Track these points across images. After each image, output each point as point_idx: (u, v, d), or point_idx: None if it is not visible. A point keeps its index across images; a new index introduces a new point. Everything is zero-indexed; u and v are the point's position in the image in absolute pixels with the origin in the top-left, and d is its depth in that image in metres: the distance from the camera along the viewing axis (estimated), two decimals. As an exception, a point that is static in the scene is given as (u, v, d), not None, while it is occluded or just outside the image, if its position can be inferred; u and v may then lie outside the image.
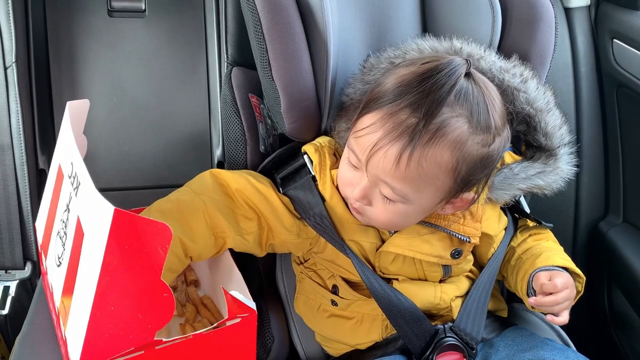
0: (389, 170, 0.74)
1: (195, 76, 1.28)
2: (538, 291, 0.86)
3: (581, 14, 1.32)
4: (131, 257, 0.62)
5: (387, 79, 0.78)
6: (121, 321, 0.63)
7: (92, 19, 1.23)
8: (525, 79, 0.88)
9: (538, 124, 0.89)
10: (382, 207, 0.79)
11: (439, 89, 0.71)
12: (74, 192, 0.73)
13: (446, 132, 0.72)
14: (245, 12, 0.92)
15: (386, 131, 0.73)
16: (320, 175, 0.89)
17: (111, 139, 1.25)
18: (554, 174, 0.89)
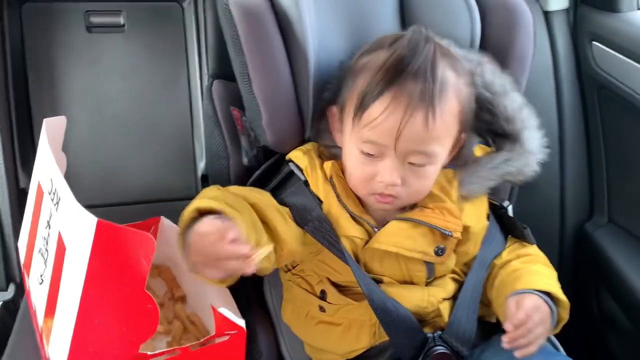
0: (420, 136, 0.79)
1: (177, 90, 1.27)
2: (507, 325, 0.79)
3: (560, 17, 1.33)
4: (115, 269, 0.62)
5: (364, 71, 0.82)
6: (106, 335, 0.62)
7: (70, 35, 1.22)
8: (480, 63, 0.91)
9: (497, 109, 0.90)
10: (415, 178, 0.82)
11: (425, 54, 0.78)
12: (54, 208, 0.72)
13: (448, 83, 0.80)
14: (224, 26, 0.92)
15: (405, 105, 0.77)
16: (311, 176, 0.89)
17: (93, 155, 1.24)
18: (523, 157, 0.89)
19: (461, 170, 0.90)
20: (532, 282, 0.85)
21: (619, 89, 1.19)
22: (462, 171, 0.90)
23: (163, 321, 0.88)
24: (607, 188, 1.31)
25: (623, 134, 1.24)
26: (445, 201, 0.88)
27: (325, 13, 0.97)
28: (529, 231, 0.95)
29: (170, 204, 1.27)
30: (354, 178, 0.86)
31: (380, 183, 0.82)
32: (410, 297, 0.88)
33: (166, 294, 0.93)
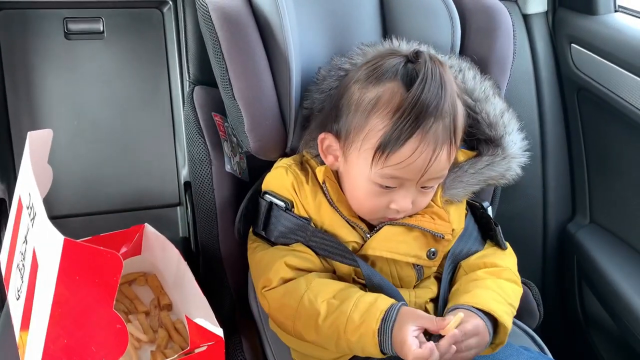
0: (443, 167, 0.82)
1: (158, 96, 1.26)
2: (444, 340, 0.77)
3: (539, 20, 1.34)
4: (83, 288, 0.60)
5: (378, 110, 0.80)
6: (75, 354, 0.61)
7: (48, 42, 1.20)
8: (461, 69, 0.92)
9: (480, 115, 0.91)
10: (423, 197, 0.86)
11: (447, 91, 0.79)
12: (30, 223, 0.71)
13: (460, 114, 0.83)
14: (204, 31, 0.92)
15: (434, 145, 0.79)
16: (299, 194, 0.89)
17: (74, 164, 1.22)
18: (505, 162, 0.91)
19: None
20: (481, 300, 0.84)
21: (598, 90, 1.20)
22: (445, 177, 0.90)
23: (148, 330, 0.87)
24: (588, 188, 1.32)
25: (603, 135, 1.26)
26: (433, 206, 0.89)
27: (305, 18, 0.97)
28: (499, 230, 0.95)
29: (154, 211, 1.25)
30: (367, 207, 0.86)
31: (394, 209, 0.84)
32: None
33: (152, 302, 0.92)
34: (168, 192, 1.27)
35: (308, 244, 0.88)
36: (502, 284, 0.88)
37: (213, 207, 0.98)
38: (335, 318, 0.80)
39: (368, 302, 0.80)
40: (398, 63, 0.81)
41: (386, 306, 0.79)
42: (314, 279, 0.85)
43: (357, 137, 0.82)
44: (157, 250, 0.95)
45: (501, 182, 0.92)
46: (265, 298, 0.87)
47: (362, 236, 0.89)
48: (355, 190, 0.86)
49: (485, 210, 0.98)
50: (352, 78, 0.85)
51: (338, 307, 0.80)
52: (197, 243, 1.14)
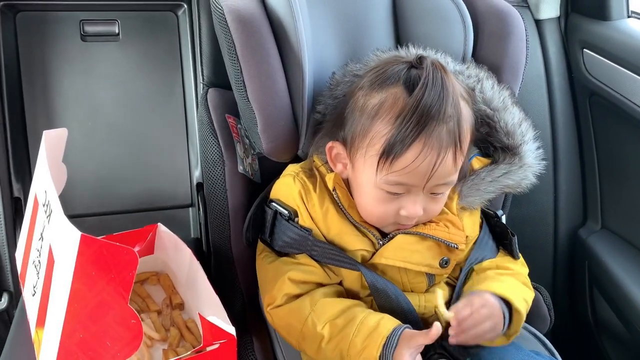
0: (449, 172, 0.81)
1: (172, 98, 1.27)
2: (453, 321, 0.81)
3: (551, 26, 1.35)
4: (99, 283, 0.61)
5: (382, 114, 0.80)
6: (90, 349, 0.62)
7: (65, 44, 1.22)
8: (479, 79, 0.92)
9: (498, 124, 0.91)
10: (434, 204, 0.85)
11: (450, 96, 0.78)
12: (47, 220, 0.72)
13: (466, 118, 0.82)
14: (219, 34, 0.92)
15: (438, 149, 0.78)
16: (307, 202, 0.89)
17: (88, 164, 1.23)
18: (522, 171, 0.91)
19: (460, 183, 0.90)
20: (490, 287, 0.86)
21: (610, 95, 1.20)
22: (461, 184, 0.90)
23: (160, 329, 0.88)
24: (600, 194, 1.32)
25: (615, 140, 1.26)
26: (448, 213, 0.89)
27: (319, 21, 0.97)
28: (515, 241, 0.95)
29: (166, 212, 1.27)
30: (375, 214, 0.86)
31: (404, 216, 0.84)
32: None
33: (164, 301, 0.93)
34: (180, 193, 1.28)
35: (310, 254, 0.89)
36: (515, 282, 0.89)
37: (225, 207, 0.99)
38: (339, 341, 0.81)
39: (371, 326, 0.81)
40: (401, 69, 0.81)
41: (388, 332, 0.79)
42: (319, 299, 0.86)
43: (362, 143, 0.82)
44: (169, 250, 0.95)
45: (517, 191, 0.92)
46: (271, 315, 0.89)
47: (374, 243, 0.89)
48: (363, 198, 0.86)
49: (499, 219, 0.99)
50: (358, 85, 0.86)
51: (341, 331, 0.82)
52: (208, 244, 1.15)
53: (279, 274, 0.89)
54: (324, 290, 0.88)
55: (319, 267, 0.89)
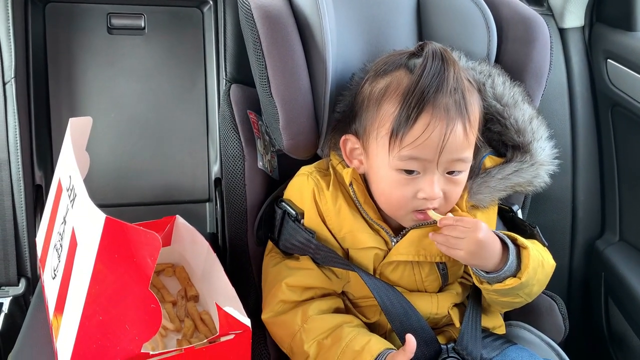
0: (460, 145, 0.81)
1: (194, 94, 1.28)
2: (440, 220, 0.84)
3: (575, 35, 1.34)
4: (121, 266, 0.62)
5: (388, 95, 0.83)
6: (109, 331, 0.63)
7: (91, 36, 1.23)
8: (490, 75, 0.93)
9: (508, 121, 0.91)
10: (453, 187, 0.85)
11: (452, 68, 0.80)
12: (70, 204, 0.73)
13: (471, 92, 0.84)
14: (245, 30, 0.93)
15: (445, 119, 0.79)
16: (319, 198, 0.90)
17: (109, 155, 1.24)
18: (533, 169, 0.90)
19: (471, 180, 0.91)
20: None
21: (633, 106, 1.19)
22: (471, 182, 0.91)
23: (175, 319, 0.88)
24: (619, 206, 1.31)
25: (636, 152, 1.25)
26: (457, 210, 0.89)
27: (344, 21, 0.98)
28: (538, 230, 0.94)
29: (183, 206, 1.28)
30: (394, 199, 0.86)
31: (423, 199, 0.83)
32: (421, 304, 0.89)
33: (179, 293, 0.93)
34: (198, 187, 1.29)
35: (313, 257, 0.90)
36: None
37: (243, 202, 1.00)
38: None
39: (356, 350, 0.82)
40: (404, 56, 0.85)
41: (371, 358, 0.80)
42: (311, 314, 0.87)
43: (372, 127, 0.84)
44: (187, 242, 0.96)
45: (529, 190, 0.92)
46: (266, 323, 0.91)
47: (387, 241, 0.89)
48: (380, 184, 0.86)
49: (515, 214, 0.98)
50: (365, 78, 0.89)
51: (327, 351, 0.83)
52: (224, 239, 1.16)
53: (278, 279, 0.90)
54: (318, 304, 0.89)
55: (320, 271, 0.91)
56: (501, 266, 0.83)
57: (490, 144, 0.96)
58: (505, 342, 0.95)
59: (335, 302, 0.91)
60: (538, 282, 0.86)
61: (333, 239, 0.90)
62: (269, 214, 0.98)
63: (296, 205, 0.93)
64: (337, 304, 0.91)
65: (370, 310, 0.93)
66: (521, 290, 0.85)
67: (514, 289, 0.84)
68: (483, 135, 0.95)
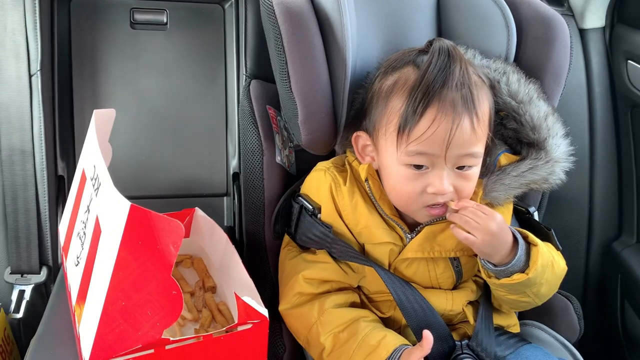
0: (468, 140, 0.81)
1: (214, 89, 1.30)
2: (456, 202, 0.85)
3: (596, 35, 1.33)
4: (144, 253, 0.63)
5: (396, 91, 0.84)
6: (131, 317, 0.64)
7: (115, 30, 1.25)
8: (505, 72, 0.93)
9: (523, 117, 0.91)
10: (464, 182, 0.85)
11: (458, 63, 0.81)
12: (94, 193, 0.75)
13: (480, 88, 0.83)
14: (266, 26, 0.94)
15: (452, 114, 0.79)
16: (336, 193, 0.91)
17: (129, 148, 1.26)
18: (548, 166, 0.90)
19: (485, 178, 0.91)
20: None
21: (654, 108, 1.19)
22: (486, 179, 0.91)
23: (193, 309, 0.90)
24: (637, 208, 1.30)
25: (655, 154, 1.24)
26: None
27: (364, 18, 0.99)
28: (553, 233, 0.94)
29: (201, 199, 1.29)
30: (403, 194, 0.86)
31: (432, 194, 0.84)
32: (436, 301, 0.90)
33: (197, 284, 0.95)
34: (216, 181, 1.31)
35: (330, 251, 0.91)
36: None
37: (261, 196, 1.01)
38: (339, 355, 0.84)
39: (372, 345, 0.82)
40: (413, 53, 0.86)
41: (387, 354, 0.81)
42: (327, 307, 0.88)
43: (381, 123, 0.85)
44: (205, 234, 0.98)
45: (544, 187, 0.92)
46: (283, 315, 0.92)
47: (402, 237, 0.90)
48: (390, 180, 0.87)
49: (531, 215, 0.98)
50: (375, 75, 0.90)
51: (343, 345, 0.84)
52: (241, 233, 1.17)
53: (295, 272, 0.92)
54: (334, 297, 0.90)
55: (337, 265, 0.92)
56: (509, 259, 0.83)
57: (506, 142, 0.96)
58: (519, 341, 0.95)
59: (352, 296, 0.92)
60: (547, 283, 0.86)
61: (349, 233, 0.91)
62: (286, 208, 0.99)
63: (313, 200, 0.94)
64: (354, 298, 0.92)
65: (385, 305, 0.93)
66: (528, 289, 0.85)
67: (521, 284, 0.84)
68: (498, 133, 0.95)
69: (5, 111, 1.13)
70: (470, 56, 0.95)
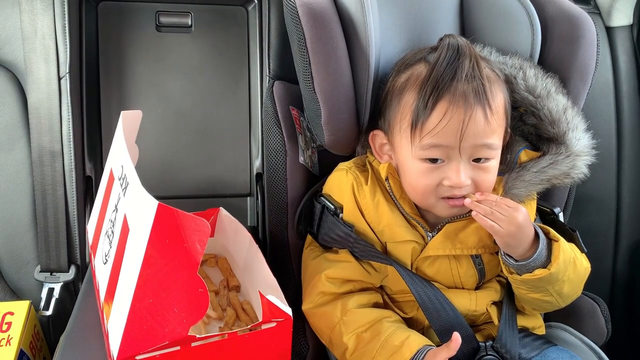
0: (482, 131, 0.81)
1: (238, 90, 1.31)
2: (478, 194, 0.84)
3: (623, 33, 1.31)
4: (171, 251, 0.64)
5: (408, 87, 0.85)
6: (158, 314, 0.65)
7: (141, 33, 1.27)
8: (521, 67, 0.93)
9: (542, 112, 0.91)
10: (483, 174, 0.84)
11: (469, 56, 0.81)
12: (122, 193, 0.76)
13: (493, 80, 0.84)
14: (290, 28, 0.95)
15: (463, 105, 0.80)
16: (358, 193, 0.92)
17: (154, 148, 1.28)
18: (569, 160, 0.89)
19: (506, 175, 0.91)
20: None
21: (683, 107, 1.16)
22: (507, 176, 0.91)
23: (217, 308, 0.91)
24: (665, 208, 1.28)
25: (685, 154, 1.22)
26: None
27: (387, 19, 0.99)
28: (578, 235, 0.93)
29: (225, 199, 1.31)
30: (421, 188, 0.86)
31: (448, 187, 0.84)
32: (459, 301, 0.89)
33: (222, 283, 0.96)
34: (240, 182, 1.32)
35: (352, 250, 0.92)
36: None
37: (285, 196, 1.02)
38: (361, 355, 0.84)
39: (395, 345, 0.82)
40: (425, 51, 0.88)
41: (411, 354, 0.81)
42: (350, 307, 0.88)
43: (395, 120, 0.86)
44: (229, 234, 0.99)
45: (566, 182, 0.91)
46: (306, 315, 0.92)
47: (424, 235, 0.90)
48: (407, 176, 0.87)
49: (556, 216, 0.97)
50: (390, 74, 0.91)
51: (366, 345, 0.84)
52: (264, 233, 1.18)
53: (317, 271, 0.92)
54: (357, 297, 0.90)
55: (359, 264, 0.92)
56: (530, 254, 0.83)
57: (526, 139, 0.96)
58: (545, 343, 0.94)
59: (375, 296, 0.92)
60: (569, 281, 0.85)
61: (371, 232, 0.91)
62: (309, 208, 1.00)
63: (335, 200, 0.95)
64: (376, 299, 0.92)
65: (407, 305, 0.93)
66: (550, 286, 0.84)
67: (543, 280, 0.83)
68: (518, 130, 0.95)
69: (35, 113, 1.16)
70: (486, 54, 0.95)
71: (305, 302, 0.92)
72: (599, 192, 0.93)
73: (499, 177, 0.90)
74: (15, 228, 1.19)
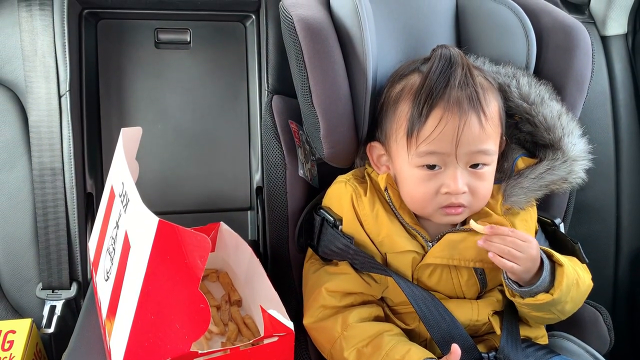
0: (477, 137, 0.82)
1: (237, 105, 1.32)
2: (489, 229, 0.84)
3: (618, 42, 1.33)
4: (172, 267, 0.65)
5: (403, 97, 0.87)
6: (160, 330, 0.65)
7: (140, 50, 1.29)
8: (514, 76, 0.94)
9: (536, 118, 0.92)
10: (479, 181, 0.85)
11: (461, 64, 0.83)
12: (123, 210, 0.77)
13: (486, 87, 0.85)
14: (287, 42, 0.96)
15: (458, 112, 0.81)
16: (357, 204, 0.92)
17: (155, 164, 1.29)
18: (566, 165, 0.90)
19: (504, 183, 0.91)
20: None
21: (680, 114, 1.17)
22: (505, 184, 0.91)
23: (219, 323, 0.91)
24: (665, 215, 1.28)
25: (683, 161, 1.22)
26: (492, 215, 0.90)
27: (383, 32, 1.00)
28: (579, 247, 0.93)
29: (226, 214, 1.31)
30: (419, 196, 0.87)
31: (446, 194, 0.84)
32: (461, 311, 0.89)
33: (223, 298, 0.96)
34: (240, 196, 1.32)
35: (352, 262, 0.92)
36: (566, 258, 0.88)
37: (285, 209, 1.02)
38: None
39: (396, 359, 0.82)
40: (419, 61, 0.89)
41: None
42: (351, 322, 0.88)
43: (391, 130, 0.88)
44: (230, 248, 0.99)
45: (564, 187, 0.91)
46: (307, 328, 0.92)
47: (424, 245, 0.90)
48: (405, 185, 0.88)
49: (557, 227, 0.97)
50: (385, 86, 0.92)
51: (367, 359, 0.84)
52: (265, 247, 1.18)
53: (318, 285, 0.92)
54: (358, 312, 0.90)
55: (359, 276, 0.92)
56: (534, 281, 0.83)
57: (523, 146, 0.97)
58: (548, 352, 0.94)
59: (376, 310, 0.92)
60: (572, 300, 0.86)
61: (371, 244, 0.91)
62: (308, 221, 1.00)
63: (334, 212, 0.95)
64: (377, 312, 0.92)
65: (409, 317, 0.93)
66: (553, 307, 0.85)
67: (547, 304, 0.83)
68: (515, 137, 0.96)
69: (36, 131, 1.17)
70: (480, 63, 0.97)
71: (306, 316, 0.92)
72: (598, 199, 0.93)
73: (497, 185, 0.91)
74: (16, 246, 1.20)
